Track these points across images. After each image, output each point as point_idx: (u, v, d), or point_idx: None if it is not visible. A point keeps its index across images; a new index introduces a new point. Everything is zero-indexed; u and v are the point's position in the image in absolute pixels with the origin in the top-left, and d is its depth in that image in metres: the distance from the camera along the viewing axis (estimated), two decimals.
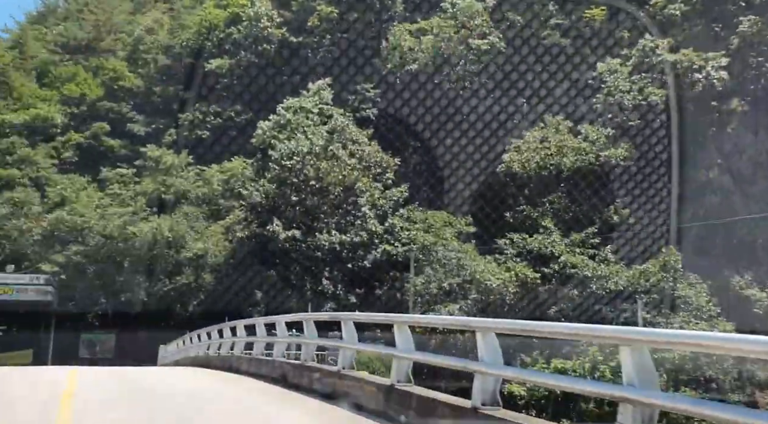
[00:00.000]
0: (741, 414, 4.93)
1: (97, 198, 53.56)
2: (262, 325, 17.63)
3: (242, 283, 47.31)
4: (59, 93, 67.05)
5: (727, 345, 5.44)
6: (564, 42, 47.69)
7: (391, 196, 44.48)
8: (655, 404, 5.64)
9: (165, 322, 46.57)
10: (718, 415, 5.07)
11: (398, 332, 9.25)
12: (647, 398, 5.59)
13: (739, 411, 5.10)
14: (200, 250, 45.63)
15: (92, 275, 49.24)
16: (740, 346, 5.15)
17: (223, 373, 17.65)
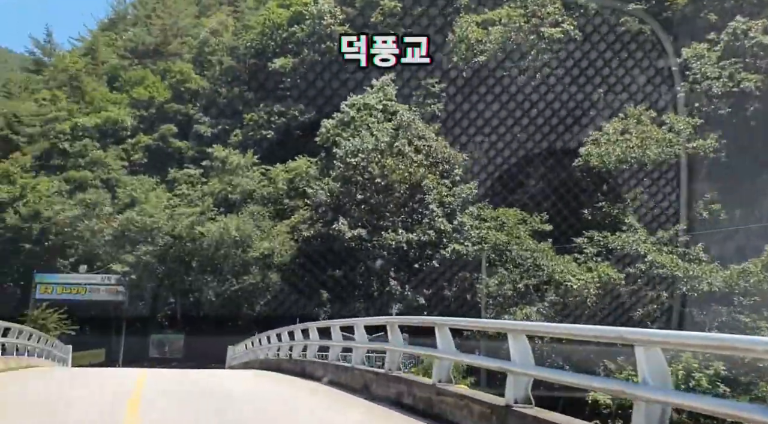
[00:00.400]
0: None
1: (165, 199, 54.02)
2: (338, 328, 16.33)
3: (308, 283, 46.52)
4: (129, 96, 68.39)
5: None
6: (644, 28, 44.78)
7: (460, 193, 42.74)
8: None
9: (232, 322, 46.34)
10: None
11: (514, 343, 7.70)
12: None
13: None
14: (266, 249, 45.12)
15: (161, 275, 49.55)
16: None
17: (296, 379, 16.47)
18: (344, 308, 45.61)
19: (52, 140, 61.96)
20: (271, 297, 45.15)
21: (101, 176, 57.52)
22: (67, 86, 70.90)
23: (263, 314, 45.27)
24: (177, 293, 50.02)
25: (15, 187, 54.11)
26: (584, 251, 37.17)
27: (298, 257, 46.34)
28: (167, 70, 70.65)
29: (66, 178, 57.08)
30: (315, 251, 45.71)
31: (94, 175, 57.24)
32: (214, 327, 48.76)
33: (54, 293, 50.95)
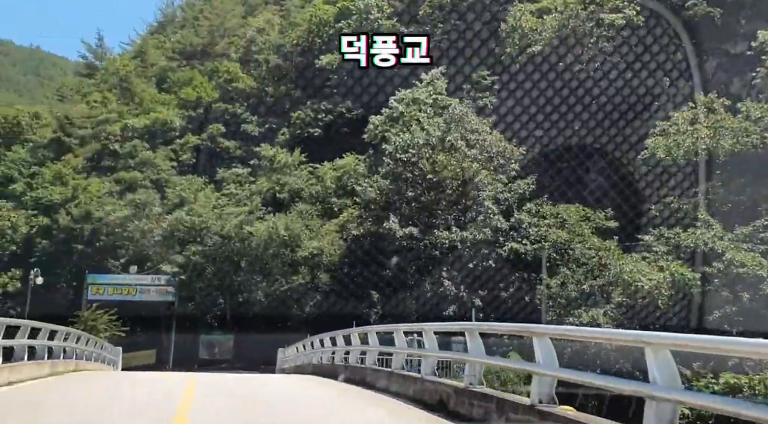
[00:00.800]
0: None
1: (214, 198, 53.56)
2: (402, 333, 14.81)
3: (358, 283, 45.22)
4: (177, 97, 68.51)
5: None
6: (713, 11, 41.90)
7: (516, 189, 40.74)
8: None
9: (282, 323, 45.40)
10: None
11: (654, 359, 6.03)
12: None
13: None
14: (315, 249, 44.00)
15: (210, 276, 49.01)
16: None
17: (356, 388, 15.02)
18: (394, 309, 44.22)
19: (103, 142, 62.43)
20: (320, 298, 44.00)
21: (150, 177, 57.52)
22: (117, 89, 71.60)
23: (313, 315, 44.18)
24: (226, 294, 49.39)
25: (67, 188, 54.49)
26: (653, 248, 34.71)
27: (347, 257, 45.10)
28: (215, 71, 70.49)
29: (116, 179, 57.29)
30: (364, 250, 44.40)
31: (144, 176, 57.27)
32: (264, 328, 47.94)
33: (105, 293, 51.01)
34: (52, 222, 52.52)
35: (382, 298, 44.85)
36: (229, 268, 48.80)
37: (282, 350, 35.21)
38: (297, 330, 45.61)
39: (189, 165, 61.92)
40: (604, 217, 38.42)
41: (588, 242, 35.84)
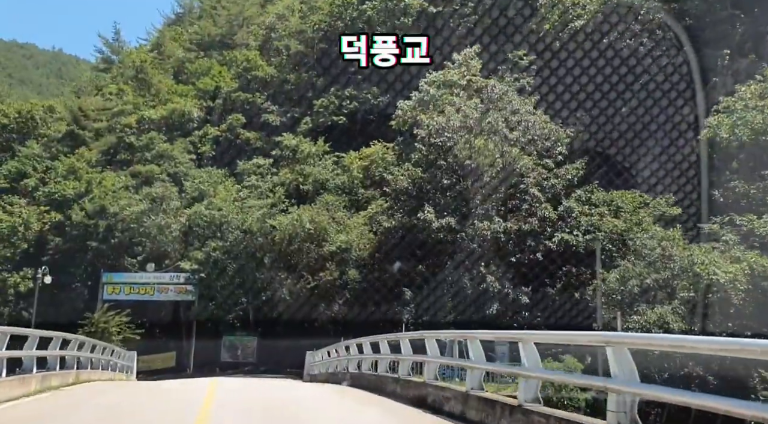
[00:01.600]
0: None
1: (234, 191, 50.64)
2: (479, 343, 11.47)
3: (390, 279, 42.00)
4: (195, 88, 65.78)
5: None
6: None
7: (564, 174, 37.15)
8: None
9: (309, 323, 42.33)
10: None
11: None
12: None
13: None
14: (343, 243, 40.81)
15: (232, 273, 46.08)
16: None
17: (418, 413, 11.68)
18: (431, 307, 40.93)
19: (119, 134, 59.89)
20: (350, 295, 40.80)
21: (168, 170, 54.76)
22: (133, 81, 69.06)
23: (342, 314, 41.06)
24: (249, 292, 46.47)
25: (81, 182, 51.91)
26: (722, 238, 30.94)
27: (377, 251, 41.86)
28: (233, 60, 67.64)
29: (132, 172, 54.65)
30: (396, 243, 41.12)
31: (161, 169, 54.54)
32: (289, 329, 44.91)
33: (122, 293, 48.38)
34: (65, 218, 49.93)
35: (415, 296, 41.61)
36: (252, 264, 45.86)
37: (311, 353, 32.10)
38: (324, 331, 42.55)
39: (208, 158, 59.08)
40: (666, 203, 34.66)
41: (649, 230, 32.14)
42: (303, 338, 44.38)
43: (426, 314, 41.55)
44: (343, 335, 44.81)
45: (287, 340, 45.56)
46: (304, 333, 43.92)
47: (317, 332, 42.38)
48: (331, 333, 42.25)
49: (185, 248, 47.74)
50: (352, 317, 41.56)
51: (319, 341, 43.79)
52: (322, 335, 43.00)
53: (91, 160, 56.27)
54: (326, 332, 42.31)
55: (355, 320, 42.02)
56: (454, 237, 37.12)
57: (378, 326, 44.25)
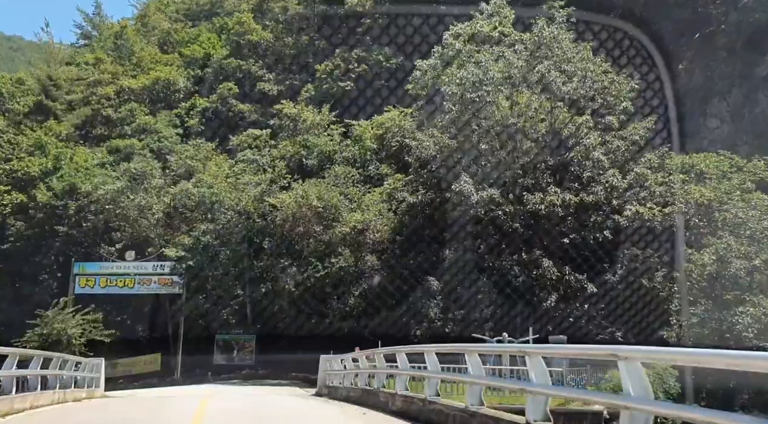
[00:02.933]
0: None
1: (227, 167, 43.68)
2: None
3: (414, 266, 35.26)
4: (181, 57, 58.61)
5: None
6: None
7: (631, 135, 30.38)
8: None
9: (318, 318, 35.52)
10: None
11: None
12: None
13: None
14: (358, 222, 33.96)
15: (225, 261, 39.21)
16: None
17: None
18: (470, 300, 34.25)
19: (94, 106, 52.75)
20: (367, 286, 33.98)
21: (151, 146, 47.64)
22: (113, 51, 61.78)
23: (359, 308, 34.25)
24: (246, 283, 39.67)
25: (48, 158, 44.73)
26: None
27: (399, 232, 35.05)
28: (224, 27, 60.48)
29: (109, 148, 47.55)
30: (422, 223, 34.32)
31: (142, 144, 47.43)
32: (294, 326, 38.12)
33: (97, 286, 41.42)
34: (29, 199, 42.81)
35: (446, 285, 34.90)
36: (249, 251, 39.01)
37: (326, 358, 25.23)
38: (338, 329, 35.81)
39: (196, 132, 51.87)
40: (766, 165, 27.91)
41: (750, 199, 25.45)
42: (310, 338, 37.58)
43: (460, 308, 34.91)
44: (358, 333, 38.20)
45: (291, 339, 38.78)
46: (312, 331, 37.13)
47: (328, 330, 35.60)
48: (345, 330, 35.46)
49: (171, 232, 40.80)
50: (371, 312, 34.82)
51: (331, 341, 37.10)
52: (335, 332, 36.24)
53: (61, 133, 49.06)
54: (339, 329, 35.53)
55: (373, 315, 35.31)
56: (497, 213, 30.29)
57: (400, 322, 37.69)
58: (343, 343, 37.65)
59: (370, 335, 37.10)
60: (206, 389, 30.43)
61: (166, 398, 24.06)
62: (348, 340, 37.47)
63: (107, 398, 24.13)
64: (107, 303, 44.56)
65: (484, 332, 34.00)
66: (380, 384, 16.81)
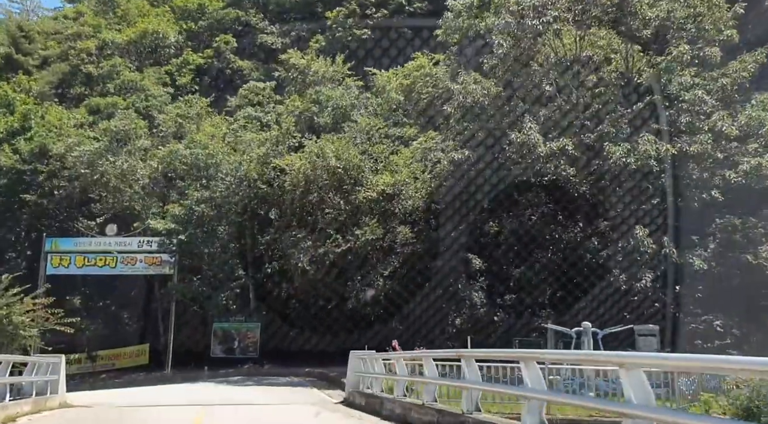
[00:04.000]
0: None
1: (224, 127, 37.18)
2: None
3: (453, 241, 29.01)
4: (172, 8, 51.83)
5: None
6: None
7: (737, 70, 23.90)
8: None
9: (337, 304, 29.25)
10: None
11: None
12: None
13: None
14: (387, 186, 27.57)
15: (224, 235, 32.92)
16: None
17: None
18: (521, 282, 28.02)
19: (73, 62, 46.10)
20: (398, 263, 27.66)
21: (136, 104, 41.03)
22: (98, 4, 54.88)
23: (387, 291, 27.98)
24: (248, 262, 33.48)
25: (15, 117, 38.12)
26: None
27: (435, 199, 28.69)
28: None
29: (88, 106, 40.96)
30: (464, 187, 27.95)
31: (127, 103, 40.81)
32: (307, 313, 31.89)
33: (72, 265, 35.02)
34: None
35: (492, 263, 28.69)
36: (252, 223, 32.72)
37: (360, 355, 18.90)
38: (361, 316, 29.60)
39: (189, 92, 45.35)
40: None
41: None
42: (327, 327, 31.41)
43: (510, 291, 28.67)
44: (384, 320, 32.03)
45: (304, 328, 32.59)
46: (330, 319, 30.91)
47: (349, 317, 29.38)
48: (371, 318, 29.25)
49: (159, 203, 34.41)
50: (403, 295, 28.57)
51: (352, 330, 30.89)
52: (356, 320, 30.03)
53: (31, 90, 42.40)
54: (363, 317, 29.30)
55: (404, 300, 29.07)
56: (566, 172, 23.89)
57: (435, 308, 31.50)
58: (368, 331, 31.63)
59: (398, 324, 31.02)
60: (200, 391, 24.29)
61: (139, 408, 17.95)
62: (373, 328, 31.42)
63: (67, 408, 17.97)
64: (87, 286, 38.48)
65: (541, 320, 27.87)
66: (432, 398, 12.23)
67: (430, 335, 28.78)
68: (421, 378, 13.44)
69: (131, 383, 31.32)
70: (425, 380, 13.09)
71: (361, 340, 28.66)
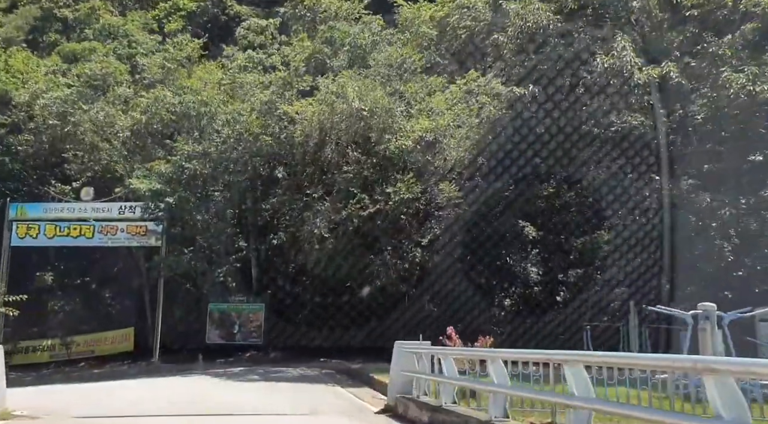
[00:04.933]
0: None
1: (220, 73, 31.33)
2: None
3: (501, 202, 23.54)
4: None
5: None
6: None
7: None
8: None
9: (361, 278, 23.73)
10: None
11: None
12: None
13: None
14: (426, 131, 21.87)
15: (220, 199, 27.33)
16: None
17: None
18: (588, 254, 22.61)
19: (46, 6, 40.14)
20: (442, 226, 22.10)
21: (118, 51, 35.06)
22: None
23: (425, 264, 22.46)
24: (250, 231, 28.03)
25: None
26: None
27: (482, 151, 23.04)
28: None
29: (62, 52, 35.06)
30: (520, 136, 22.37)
31: (107, 49, 34.85)
32: (323, 292, 26.40)
33: (41, 235, 29.45)
34: None
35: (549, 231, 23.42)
36: (254, 185, 27.10)
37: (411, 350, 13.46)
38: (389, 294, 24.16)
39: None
40: None
41: None
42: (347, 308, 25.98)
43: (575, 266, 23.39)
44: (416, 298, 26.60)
45: (317, 310, 27.17)
46: (351, 299, 25.44)
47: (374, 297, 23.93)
48: (405, 299, 23.79)
49: (142, 159, 28.70)
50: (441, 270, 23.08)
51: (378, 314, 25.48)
52: (383, 302, 24.60)
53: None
54: (390, 295, 23.83)
55: (442, 276, 23.60)
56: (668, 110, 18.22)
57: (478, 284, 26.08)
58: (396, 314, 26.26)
59: (433, 306, 25.60)
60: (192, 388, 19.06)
61: None
62: (402, 311, 26.04)
63: (4, 420, 12.89)
64: (61, 260, 33.00)
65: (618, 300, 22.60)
66: None
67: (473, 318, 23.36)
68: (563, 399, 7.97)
69: (112, 376, 26.02)
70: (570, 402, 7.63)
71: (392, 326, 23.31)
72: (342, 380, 21.15)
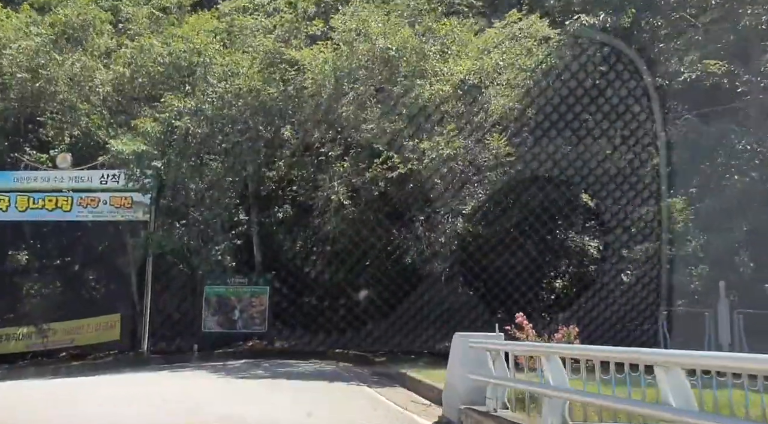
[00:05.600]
0: None
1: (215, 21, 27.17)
2: None
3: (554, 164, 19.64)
4: None
5: None
6: None
7: None
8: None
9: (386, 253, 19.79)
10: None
11: None
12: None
13: None
14: (470, 73, 17.83)
15: (219, 164, 23.34)
16: None
17: None
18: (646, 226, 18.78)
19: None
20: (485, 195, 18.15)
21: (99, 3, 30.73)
22: None
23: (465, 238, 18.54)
24: (252, 202, 24.13)
25: None
26: None
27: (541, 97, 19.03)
28: None
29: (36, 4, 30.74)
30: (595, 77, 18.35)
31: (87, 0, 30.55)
32: (336, 272, 22.46)
33: (12, 209, 25.55)
34: None
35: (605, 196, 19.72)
36: (255, 146, 23.10)
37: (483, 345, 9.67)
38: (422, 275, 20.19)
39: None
40: None
41: None
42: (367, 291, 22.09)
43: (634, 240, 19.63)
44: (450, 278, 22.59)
45: (331, 293, 23.30)
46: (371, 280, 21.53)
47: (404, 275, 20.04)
48: (441, 278, 19.85)
49: (127, 118, 24.67)
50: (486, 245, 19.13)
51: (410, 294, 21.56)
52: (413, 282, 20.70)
53: None
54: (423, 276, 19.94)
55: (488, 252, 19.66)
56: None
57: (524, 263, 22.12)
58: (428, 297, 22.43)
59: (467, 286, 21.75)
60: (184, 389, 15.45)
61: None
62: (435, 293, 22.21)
63: None
64: (37, 238, 29.03)
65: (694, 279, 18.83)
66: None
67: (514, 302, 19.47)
68: None
69: (94, 369, 22.45)
70: None
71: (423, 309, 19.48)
72: (366, 377, 17.51)
